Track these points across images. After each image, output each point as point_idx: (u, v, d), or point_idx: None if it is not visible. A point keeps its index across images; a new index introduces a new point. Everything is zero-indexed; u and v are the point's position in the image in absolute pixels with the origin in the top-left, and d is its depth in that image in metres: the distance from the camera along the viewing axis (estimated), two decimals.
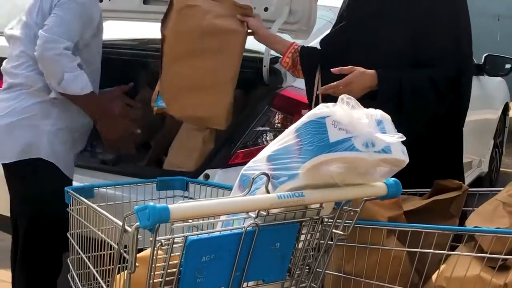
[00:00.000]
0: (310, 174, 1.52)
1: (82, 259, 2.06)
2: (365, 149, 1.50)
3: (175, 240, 1.50)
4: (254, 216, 1.55)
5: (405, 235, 1.97)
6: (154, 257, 1.49)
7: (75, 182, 2.85)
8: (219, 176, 2.97)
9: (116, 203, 2.23)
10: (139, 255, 1.54)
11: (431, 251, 1.92)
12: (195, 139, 3.30)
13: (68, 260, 2.15)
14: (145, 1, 3.51)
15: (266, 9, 3.19)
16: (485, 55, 5.03)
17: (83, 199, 2.01)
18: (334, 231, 1.75)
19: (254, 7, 3.20)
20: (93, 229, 1.95)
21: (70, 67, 2.67)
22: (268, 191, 1.56)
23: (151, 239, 1.46)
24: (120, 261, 1.67)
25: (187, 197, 2.31)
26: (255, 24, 2.86)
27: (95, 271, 1.96)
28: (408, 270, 2.01)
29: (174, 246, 1.50)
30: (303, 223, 1.67)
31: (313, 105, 2.59)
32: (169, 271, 1.53)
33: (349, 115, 1.51)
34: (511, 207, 1.99)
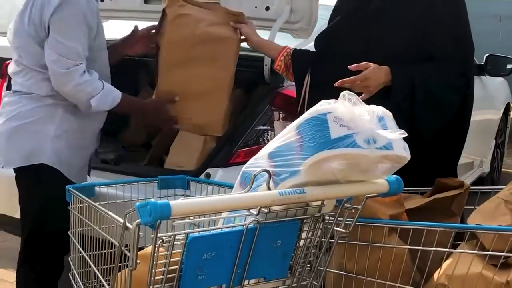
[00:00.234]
0: (311, 170, 1.52)
1: (83, 257, 2.06)
2: (367, 146, 1.49)
3: (176, 237, 1.49)
4: (255, 213, 1.55)
5: (407, 233, 1.97)
6: (155, 254, 1.49)
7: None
8: (220, 175, 2.96)
9: (117, 202, 2.24)
10: (140, 253, 1.54)
11: (433, 249, 1.92)
12: (196, 138, 3.29)
13: (69, 258, 2.15)
14: (146, 1, 3.51)
15: (267, 9, 3.20)
16: (487, 55, 5.03)
17: (84, 197, 2.01)
18: (335, 229, 1.75)
19: (255, 6, 3.21)
20: (94, 227, 1.95)
21: (93, 90, 2.62)
22: (269, 188, 1.56)
23: (152, 236, 1.46)
24: (121, 260, 1.66)
25: (188, 196, 2.31)
26: (248, 31, 2.89)
27: (96, 270, 1.96)
28: (409, 268, 2.00)
29: (175, 243, 1.50)
30: (305, 221, 1.67)
31: (306, 108, 2.60)
32: (170, 268, 1.53)
33: (350, 111, 1.50)
34: None
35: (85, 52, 2.61)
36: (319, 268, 1.81)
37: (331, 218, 1.73)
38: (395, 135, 1.53)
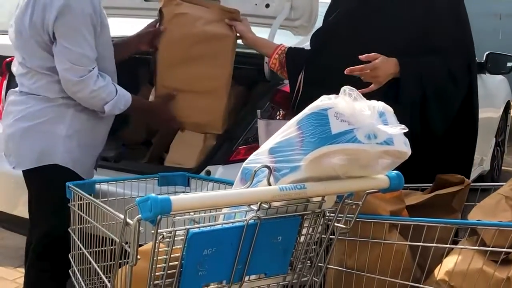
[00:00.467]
0: (312, 166, 1.51)
1: (83, 254, 2.06)
2: (367, 141, 1.49)
3: (177, 233, 1.49)
4: (256, 209, 1.55)
5: (407, 229, 1.97)
6: (155, 250, 1.49)
7: None
8: (221, 172, 2.96)
9: (117, 199, 2.23)
10: (141, 249, 1.53)
11: (434, 245, 1.91)
12: (196, 136, 3.29)
13: (69, 255, 2.15)
14: None
15: (267, 6, 3.20)
16: (487, 53, 5.02)
17: (84, 194, 2.00)
18: (336, 225, 1.75)
19: (255, 4, 3.21)
20: (95, 223, 1.95)
21: (107, 96, 2.62)
22: (270, 184, 1.56)
23: (152, 232, 1.45)
24: (121, 256, 1.66)
25: (188, 193, 2.31)
26: (242, 28, 2.88)
27: (96, 266, 1.96)
28: (410, 264, 2.00)
29: (175, 239, 1.50)
30: (305, 217, 1.67)
31: (298, 105, 2.59)
32: (170, 264, 1.53)
33: (351, 106, 1.50)
34: None
35: (94, 53, 2.58)
36: (319, 264, 1.81)
37: (332, 214, 1.73)
38: (396, 130, 1.52)
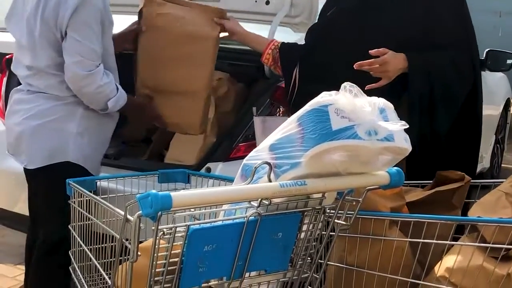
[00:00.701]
0: (312, 162, 1.51)
1: (84, 251, 2.06)
2: (368, 137, 1.49)
3: (177, 229, 1.49)
4: (256, 205, 1.55)
5: (408, 226, 1.96)
6: (156, 247, 1.48)
7: None
8: (221, 169, 2.97)
9: (117, 196, 2.23)
10: (141, 245, 1.53)
11: (434, 241, 1.91)
12: None
13: (69, 252, 2.15)
14: None
15: (267, 3, 3.20)
16: (487, 50, 5.01)
17: (85, 191, 2.00)
18: (336, 221, 1.75)
19: (255, 0, 3.21)
20: (96, 220, 1.95)
21: (110, 92, 2.65)
22: (270, 180, 1.55)
23: (153, 228, 1.45)
24: (122, 253, 1.66)
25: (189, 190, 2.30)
26: (231, 25, 2.87)
27: (97, 263, 1.96)
28: (410, 261, 2.00)
29: (176, 235, 1.49)
30: (305, 213, 1.67)
31: (294, 101, 2.59)
32: (171, 260, 1.52)
33: (352, 103, 1.50)
34: None
35: (101, 49, 2.61)
36: (319, 261, 1.81)
37: (332, 210, 1.73)
38: (396, 126, 1.52)
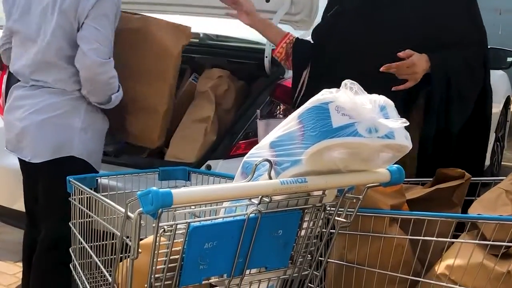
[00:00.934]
0: (313, 160, 1.51)
1: (84, 248, 2.06)
2: (368, 135, 1.49)
3: (178, 226, 1.49)
4: (256, 202, 1.55)
5: (408, 224, 1.96)
6: (156, 244, 1.49)
7: None
8: (221, 167, 2.97)
9: (118, 193, 2.23)
10: (142, 242, 1.53)
11: (434, 239, 1.91)
12: (196, 131, 3.29)
13: (70, 250, 2.15)
14: None
15: (267, 0, 3.20)
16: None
17: (85, 188, 2.00)
18: (336, 219, 1.75)
19: None
20: (96, 217, 1.95)
21: (117, 86, 2.72)
22: (270, 178, 1.55)
23: (153, 225, 1.46)
24: (122, 251, 1.66)
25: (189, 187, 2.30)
26: (250, 8, 2.76)
27: (97, 260, 1.96)
28: (410, 258, 2.00)
29: (176, 232, 1.49)
30: (306, 211, 1.67)
31: (297, 102, 2.58)
32: (171, 257, 1.53)
33: (352, 100, 1.50)
34: None
35: (113, 40, 2.70)
36: (320, 258, 1.81)
37: (332, 208, 1.73)
38: (397, 124, 1.52)
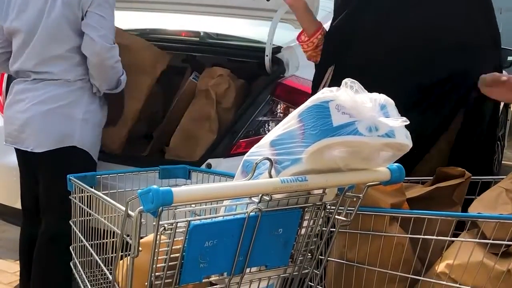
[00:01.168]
0: (313, 158, 1.51)
1: (84, 246, 2.06)
2: (369, 133, 1.49)
3: (178, 225, 1.49)
4: (257, 201, 1.55)
5: (408, 222, 1.96)
6: (157, 242, 1.49)
7: None
8: (222, 165, 2.97)
9: (118, 191, 2.24)
10: (142, 241, 1.53)
11: (434, 237, 1.90)
12: (197, 129, 3.30)
13: (70, 248, 2.15)
14: None
15: None
16: None
17: (86, 187, 2.00)
18: (336, 217, 1.75)
19: None
20: (97, 216, 1.95)
21: (121, 70, 2.83)
22: (271, 176, 1.55)
23: (154, 224, 1.46)
24: (122, 249, 1.66)
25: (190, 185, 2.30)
26: None
27: (98, 258, 1.96)
28: (410, 257, 2.00)
29: (177, 231, 1.50)
30: (306, 209, 1.67)
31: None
32: (172, 256, 1.53)
33: (352, 99, 1.50)
34: None
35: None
36: (320, 257, 1.82)
37: (333, 206, 1.73)
38: (397, 122, 1.52)
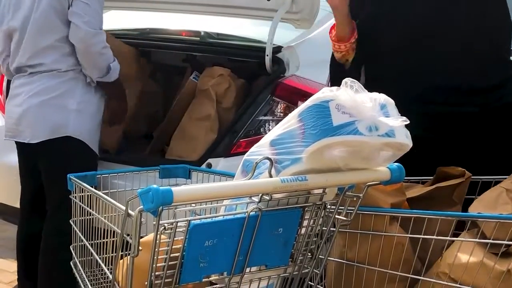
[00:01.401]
0: (313, 158, 1.51)
1: (84, 246, 2.06)
2: (369, 133, 1.49)
3: (178, 224, 1.49)
4: (257, 201, 1.55)
5: (408, 222, 1.96)
6: (157, 241, 1.49)
7: None
8: (222, 165, 2.97)
9: (118, 191, 2.24)
10: (142, 240, 1.53)
11: (434, 237, 1.91)
12: (197, 129, 3.30)
13: (70, 247, 2.15)
14: None
15: None
16: None
17: (86, 186, 2.00)
18: (337, 217, 1.75)
19: None
20: (97, 215, 1.95)
21: (111, 56, 2.84)
22: (271, 176, 1.55)
23: (154, 223, 1.46)
24: (123, 248, 1.66)
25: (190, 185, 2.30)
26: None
27: (98, 258, 1.96)
28: (410, 256, 2.00)
29: (177, 230, 1.50)
30: (306, 209, 1.67)
31: None
32: (172, 255, 1.53)
33: (352, 98, 1.50)
34: None
35: (102, 20, 2.82)
36: (320, 256, 1.82)
37: (333, 206, 1.73)
38: (397, 122, 1.52)
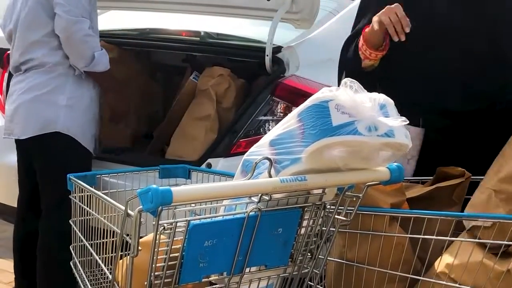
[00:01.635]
0: (312, 158, 1.51)
1: (84, 246, 2.06)
2: (368, 133, 1.49)
3: (178, 224, 1.49)
4: (256, 201, 1.55)
5: (408, 222, 1.96)
6: (156, 241, 1.49)
7: None
8: (222, 165, 2.97)
9: (118, 191, 2.24)
10: (142, 240, 1.53)
11: (434, 237, 1.90)
12: (197, 129, 3.30)
13: (70, 247, 2.15)
14: None
15: None
16: None
17: (86, 186, 2.00)
18: (336, 217, 1.75)
19: None
20: (96, 215, 1.95)
21: (96, 46, 2.85)
22: (270, 176, 1.55)
23: (153, 223, 1.46)
24: (122, 248, 1.66)
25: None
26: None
27: (98, 258, 1.96)
28: (410, 257, 2.00)
29: (176, 230, 1.50)
30: (306, 209, 1.67)
31: None
32: (171, 255, 1.53)
33: (352, 99, 1.50)
34: (503, 194, 1.96)
35: (87, 7, 2.84)
36: (320, 256, 1.82)
37: (332, 206, 1.73)
38: (397, 122, 1.52)
